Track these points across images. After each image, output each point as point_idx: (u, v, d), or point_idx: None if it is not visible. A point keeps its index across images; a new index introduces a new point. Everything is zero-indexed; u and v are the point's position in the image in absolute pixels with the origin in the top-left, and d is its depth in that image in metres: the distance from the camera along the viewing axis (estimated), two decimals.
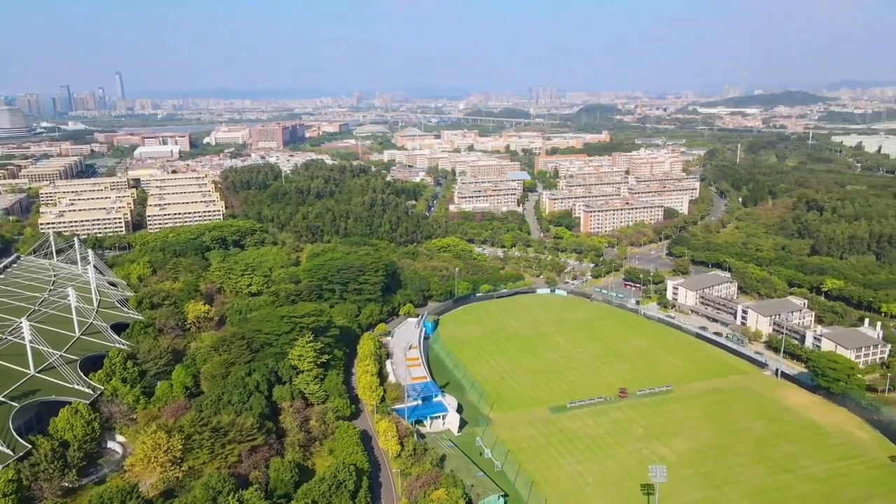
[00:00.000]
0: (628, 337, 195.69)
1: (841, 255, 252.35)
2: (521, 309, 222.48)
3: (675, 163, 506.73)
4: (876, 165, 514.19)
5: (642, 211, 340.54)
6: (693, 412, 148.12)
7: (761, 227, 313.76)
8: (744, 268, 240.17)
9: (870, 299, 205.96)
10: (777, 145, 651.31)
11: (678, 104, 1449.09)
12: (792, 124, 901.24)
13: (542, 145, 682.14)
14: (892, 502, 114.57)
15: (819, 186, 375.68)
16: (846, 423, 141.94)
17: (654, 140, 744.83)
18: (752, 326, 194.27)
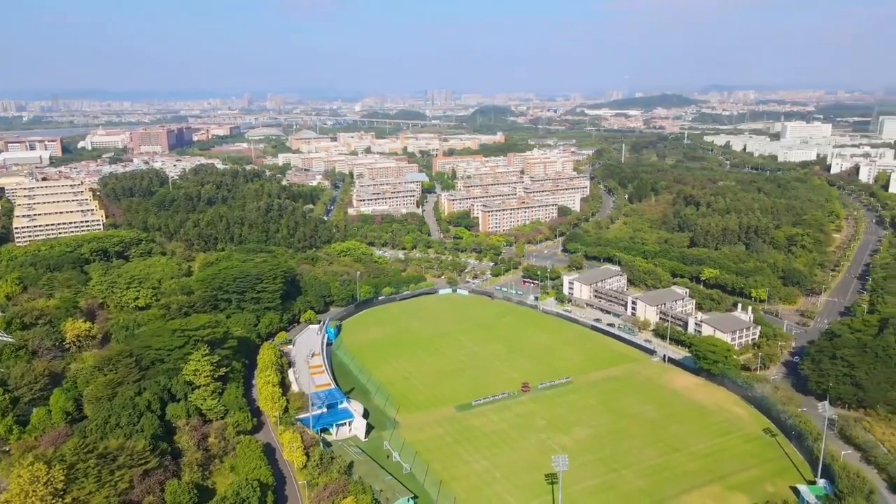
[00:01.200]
0: (529, 333, 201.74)
1: (716, 246, 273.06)
2: (424, 310, 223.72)
3: (566, 162, 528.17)
4: (742, 163, 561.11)
5: (538, 209, 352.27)
6: (590, 401, 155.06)
7: (646, 222, 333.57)
8: (632, 261, 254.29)
9: (741, 286, 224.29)
10: (657, 145, 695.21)
11: (567, 106, 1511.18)
12: (669, 125, 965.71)
13: (439, 147, 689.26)
14: (766, 470, 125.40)
15: (695, 183, 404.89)
16: (725, 401, 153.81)
17: (547, 141, 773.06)
18: (642, 316, 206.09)
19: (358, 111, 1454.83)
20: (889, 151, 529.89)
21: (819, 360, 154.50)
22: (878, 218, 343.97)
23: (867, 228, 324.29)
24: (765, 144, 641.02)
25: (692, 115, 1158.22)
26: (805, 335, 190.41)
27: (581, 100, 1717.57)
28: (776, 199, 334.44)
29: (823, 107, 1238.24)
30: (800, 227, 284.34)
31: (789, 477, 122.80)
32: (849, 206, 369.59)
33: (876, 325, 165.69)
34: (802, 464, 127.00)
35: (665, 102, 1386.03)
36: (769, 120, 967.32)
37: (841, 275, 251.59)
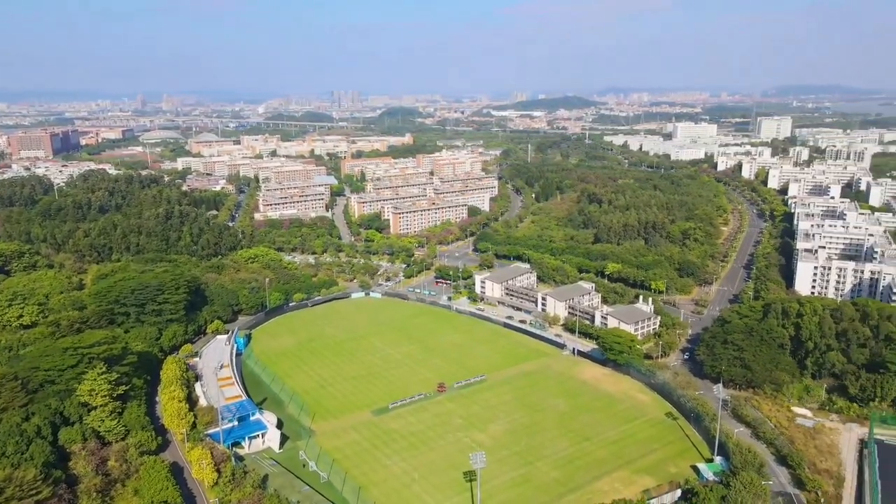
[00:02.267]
0: (443, 333, 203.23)
1: (618, 241, 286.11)
2: (337, 315, 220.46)
3: (475, 163, 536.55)
4: (639, 161, 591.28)
5: (448, 210, 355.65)
6: (505, 397, 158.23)
7: (553, 220, 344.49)
8: (540, 258, 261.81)
9: (642, 279, 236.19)
10: (561, 145, 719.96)
11: (474, 107, 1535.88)
12: (572, 126, 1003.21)
13: (347, 149, 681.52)
14: (669, 452, 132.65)
15: (597, 181, 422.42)
16: (631, 388, 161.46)
17: (455, 142, 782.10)
18: (551, 312, 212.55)
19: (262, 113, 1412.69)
20: (767, 150, 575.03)
21: (712, 346, 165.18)
22: (760, 211, 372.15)
23: (750, 221, 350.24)
24: (658, 144, 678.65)
25: (592, 116, 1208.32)
26: (700, 323, 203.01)
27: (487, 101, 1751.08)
28: (670, 196, 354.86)
29: (709, 108, 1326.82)
30: (692, 221, 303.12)
31: (690, 456, 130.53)
32: (734, 201, 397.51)
33: (760, 311, 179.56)
34: (701, 443, 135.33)
35: (567, 104, 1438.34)
36: (662, 120, 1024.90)
37: (729, 265, 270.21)
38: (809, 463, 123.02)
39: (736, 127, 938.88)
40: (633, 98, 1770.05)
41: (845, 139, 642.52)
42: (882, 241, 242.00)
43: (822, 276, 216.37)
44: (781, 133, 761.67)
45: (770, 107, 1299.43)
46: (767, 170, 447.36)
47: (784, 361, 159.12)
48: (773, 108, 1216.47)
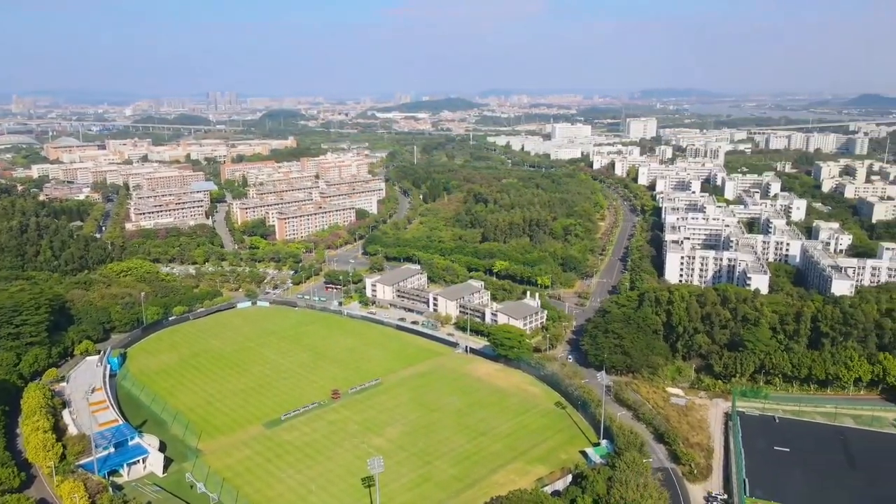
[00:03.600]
0: (335, 338, 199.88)
1: (504, 239, 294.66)
2: (223, 326, 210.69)
3: (361, 165, 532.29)
4: (521, 161, 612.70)
5: (335, 214, 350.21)
6: (401, 399, 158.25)
7: (441, 221, 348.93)
8: (430, 259, 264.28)
9: (528, 275, 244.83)
10: (446, 146, 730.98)
11: (358, 109, 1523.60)
12: (456, 127, 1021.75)
13: (226, 153, 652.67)
14: (560, 440, 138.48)
15: (482, 181, 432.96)
16: (522, 382, 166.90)
17: (340, 144, 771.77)
18: (443, 311, 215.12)
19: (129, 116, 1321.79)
20: (636, 149, 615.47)
21: (595, 336, 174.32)
22: (632, 206, 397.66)
23: (624, 216, 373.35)
24: (539, 144, 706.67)
25: (475, 117, 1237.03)
26: (583, 314, 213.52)
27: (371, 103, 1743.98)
28: (552, 194, 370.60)
29: (583, 110, 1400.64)
30: (573, 218, 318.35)
31: (579, 442, 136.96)
32: (609, 197, 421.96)
33: (636, 300, 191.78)
34: (588, 429, 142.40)
35: (450, 106, 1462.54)
36: (541, 121, 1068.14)
37: (607, 258, 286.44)
38: (683, 438, 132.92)
39: (608, 127, 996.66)
40: (514, 100, 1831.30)
41: (702, 138, 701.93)
42: (736, 231, 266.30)
43: (687, 265, 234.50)
44: (648, 133, 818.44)
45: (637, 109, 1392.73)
46: (637, 167, 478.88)
47: (658, 346, 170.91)
48: (640, 110, 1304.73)
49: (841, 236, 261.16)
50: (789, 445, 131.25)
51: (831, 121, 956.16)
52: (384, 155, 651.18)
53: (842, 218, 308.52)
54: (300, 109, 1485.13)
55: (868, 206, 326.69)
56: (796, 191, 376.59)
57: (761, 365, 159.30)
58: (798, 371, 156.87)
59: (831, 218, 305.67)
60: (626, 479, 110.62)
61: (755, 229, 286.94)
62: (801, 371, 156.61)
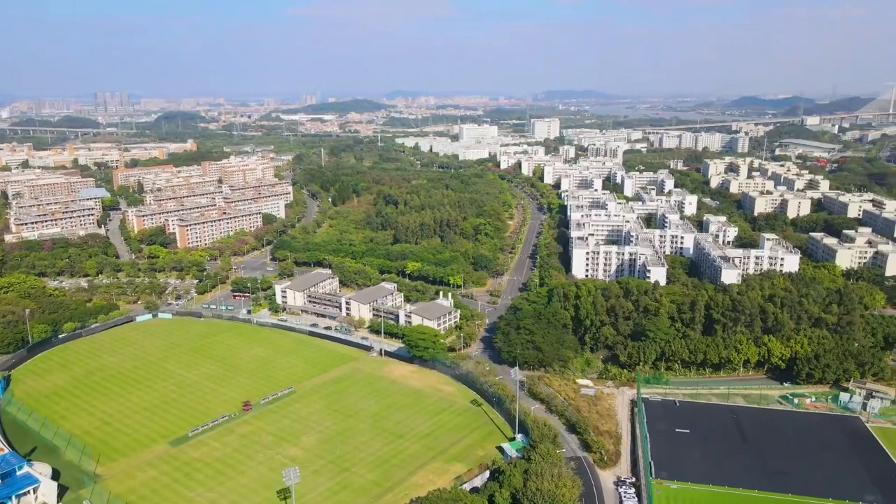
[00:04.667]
0: (245, 348, 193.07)
1: (416, 240, 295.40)
2: (121, 342, 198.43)
3: (266, 169, 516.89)
4: (430, 162, 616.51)
5: (241, 219, 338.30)
6: (316, 406, 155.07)
7: (351, 224, 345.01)
8: (341, 263, 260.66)
9: (441, 275, 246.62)
10: (354, 148, 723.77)
11: (262, 111, 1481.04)
12: (363, 128, 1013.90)
13: (119, 157, 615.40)
14: (477, 437, 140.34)
15: (392, 183, 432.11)
16: (437, 382, 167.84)
17: (244, 147, 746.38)
18: (356, 315, 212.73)
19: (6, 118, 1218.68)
20: (541, 149, 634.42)
21: (507, 332, 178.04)
22: (539, 205, 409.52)
23: (532, 214, 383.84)
24: (447, 145, 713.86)
25: (383, 118, 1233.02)
26: (495, 312, 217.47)
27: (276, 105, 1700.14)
28: (461, 194, 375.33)
29: (490, 111, 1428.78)
30: (482, 217, 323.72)
31: (495, 438, 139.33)
32: (517, 196, 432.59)
33: (546, 296, 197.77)
34: (504, 424, 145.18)
35: (357, 107, 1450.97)
36: (448, 123, 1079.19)
37: (517, 256, 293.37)
38: (593, 427, 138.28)
39: (514, 128, 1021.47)
40: (421, 101, 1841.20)
41: (602, 138, 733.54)
42: (636, 226, 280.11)
43: (592, 260, 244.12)
44: (552, 133, 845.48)
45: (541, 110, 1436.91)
46: (543, 167, 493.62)
47: (568, 340, 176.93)
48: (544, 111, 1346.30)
49: (728, 229, 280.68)
50: (689, 427, 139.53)
51: (716, 121, 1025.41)
52: (290, 158, 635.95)
53: (728, 212, 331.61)
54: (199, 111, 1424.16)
55: (750, 201, 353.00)
56: (688, 187, 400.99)
57: (662, 353, 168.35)
58: (695, 356, 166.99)
59: (719, 212, 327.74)
60: (541, 470, 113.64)
61: (652, 224, 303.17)
62: (698, 356, 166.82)
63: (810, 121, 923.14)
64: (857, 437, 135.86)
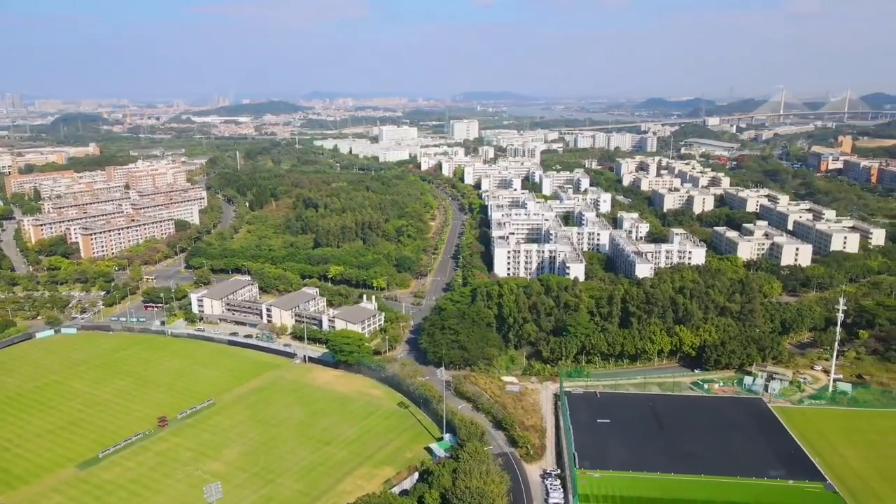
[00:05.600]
0: (159, 361, 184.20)
1: (337, 244, 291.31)
2: (19, 361, 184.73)
3: (178, 173, 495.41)
4: (350, 164, 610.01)
5: (151, 226, 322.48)
6: (238, 418, 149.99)
7: (270, 228, 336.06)
8: (261, 269, 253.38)
9: (364, 278, 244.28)
10: (271, 150, 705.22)
11: (171, 113, 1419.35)
12: (280, 131, 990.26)
13: (12, 162, 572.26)
14: (405, 440, 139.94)
15: (311, 186, 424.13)
16: (364, 386, 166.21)
17: (152, 151, 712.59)
18: (278, 322, 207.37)
19: None
20: (461, 149, 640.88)
21: (432, 333, 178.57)
22: (461, 205, 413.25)
23: (454, 215, 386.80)
24: (367, 147, 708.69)
25: (300, 120, 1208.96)
26: (420, 313, 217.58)
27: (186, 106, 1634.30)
28: (382, 196, 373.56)
29: (409, 112, 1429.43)
30: (404, 219, 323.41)
31: (423, 439, 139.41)
32: (438, 197, 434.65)
33: (469, 296, 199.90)
34: (432, 425, 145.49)
35: (273, 109, 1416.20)
36: (368, 124, 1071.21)
37: (440, 256, 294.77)
38: (519, 423, 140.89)
39: (433, 129, 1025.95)
40: (339, 103, 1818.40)
41: (520, 139, 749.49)
42: (555, 224, 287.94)
43: (514, 259, 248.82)
44: (471, 134, 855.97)
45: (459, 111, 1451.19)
46: (463, 167, 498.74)
47: (492, 338, 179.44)
48: (462, 112, 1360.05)
49: (640, 225, 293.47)
50: (609, 417, 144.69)
51: (626, 122, 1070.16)
52: (204, 161, 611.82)
53: (640, 208, 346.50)
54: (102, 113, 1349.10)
55: (660, 197, 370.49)
56: (602, 185, 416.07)
57: (583, 346, 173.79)
58: (613, 349, 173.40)
59: (632, 209, 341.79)
60: (469, 468, 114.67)
61: (570, 222, 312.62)
62: (616, 348, 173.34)
63: (711, 121, 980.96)
64: (761, 418, 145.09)
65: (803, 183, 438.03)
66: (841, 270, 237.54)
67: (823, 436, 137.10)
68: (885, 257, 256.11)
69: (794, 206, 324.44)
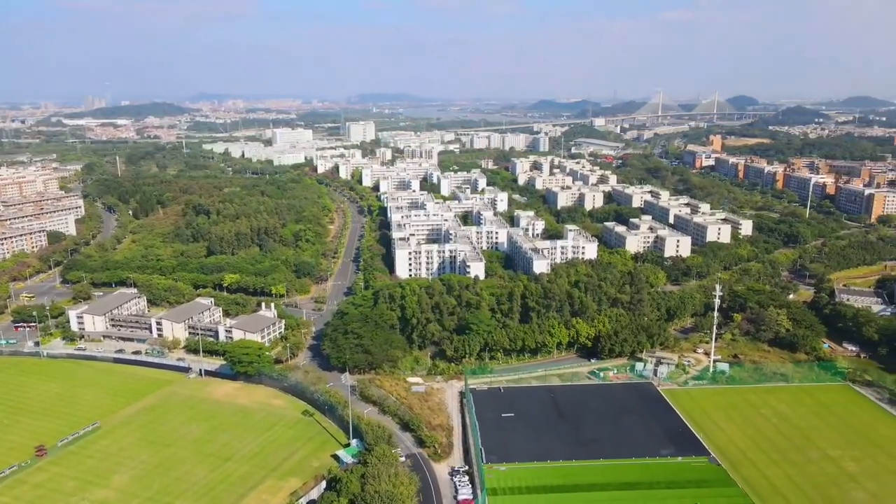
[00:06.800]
0: (34, 386, 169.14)
1: (232, 251, 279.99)
2: None
3: (49, 181, 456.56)
4: (243, 168, 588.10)
5: (20, 239, 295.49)
6: (127, 440, 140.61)
7: (158, 237, 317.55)
8: (148, 280, 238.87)
9: (262, 285, 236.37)
10: (155, 155, 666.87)
11: (39, 115, 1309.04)
12: (165, 134, 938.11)
13: None
14: (311, 449, 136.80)
15: (202, 191, 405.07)
16: (265, 397, 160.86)
17: (18, 157, 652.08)
18: (170, 336, 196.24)
19: None
20: (358, 152, 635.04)
21: (335, 338, 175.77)
22: (360, 208, 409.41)
23: (353, 217, 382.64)
24: (260, 150, 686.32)
25: (187, 123, 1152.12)
26: (322, 318, 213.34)
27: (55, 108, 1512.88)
28: (278, 200, 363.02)
29: (303, 115, 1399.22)
30: (302, 223, 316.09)
31: (330, 447, 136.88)
32: (336, 200, 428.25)
33: (371, 298, 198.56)
34: (338, 432, 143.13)
35: (156, 111, 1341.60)
36: (260, 127, 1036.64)
37: (340, 260, 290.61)
38: (426, 423, 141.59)
39: (329, 131, 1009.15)
40: (229, 105, 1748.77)
41: (417, 140, 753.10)
42: (454, 224, 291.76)
43: (415, 260, 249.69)
44: (368, 136, 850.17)
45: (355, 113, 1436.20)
46: (361, 170, 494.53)
47: (396, 340, 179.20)
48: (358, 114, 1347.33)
49: (536, 222, 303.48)
50: (513, 410, 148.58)
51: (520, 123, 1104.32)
52: (79, 167, 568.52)
53: (536, 206, 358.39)
54: None
55: (553, 196, 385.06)
56: (499, 185, 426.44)
57: (485, 344, 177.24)
58: (515, 344, 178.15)
59: (528, 207, 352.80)
60: (378, 472, 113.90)
61: (469, 221, 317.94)
62: (517, 343, 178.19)
63: (598, 122, 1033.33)
64: (651, 401, 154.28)
65: (681, 179, 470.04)
66: (716, 259, 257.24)
67: (706, 413, 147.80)
68: (753, 246, 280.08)
69: (674, 201, 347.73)
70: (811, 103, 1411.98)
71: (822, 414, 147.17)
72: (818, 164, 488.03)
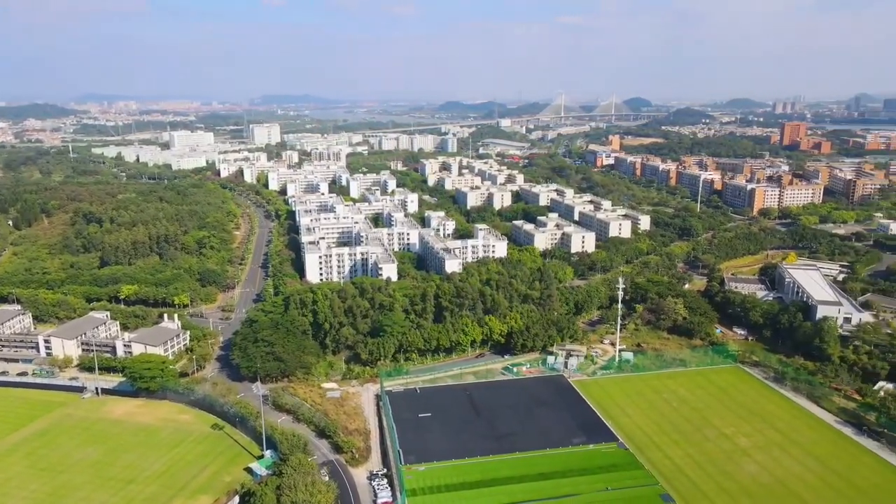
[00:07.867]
0: None
1: (129, 261, 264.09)
2: None
3: None
4: (138, 173, 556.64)
5: None
6: (14, 470, 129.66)
7: (43, 249, 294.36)
8: (34, 295, 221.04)
9: (163, 296, 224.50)
10: (38, 160, 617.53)
11: None
12: (48, 137, 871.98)
13: None
14: (222, 463, 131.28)
15: (92, 198, 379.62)
16: (170, 412, 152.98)
17: None
18: (60, 354, 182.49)
19: None
20: (263, 155, 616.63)
21: (245, 347, 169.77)
22: (266, 212, 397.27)
23: (259, 223, 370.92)
24: (157, 154, 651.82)
25: (73, 125, 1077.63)
26: (230, 327, 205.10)
27: None
28: (179, 207, 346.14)
29: (203, 117, 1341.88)
30: (206, 230, 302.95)
31: (242, 460, 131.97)
32: (242, 205, 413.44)
33: (282, 305, 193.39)
34: (251, 444, 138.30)
35: (37, 113, 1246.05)
36: (156, 130, 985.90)
37: (247, 267, 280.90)
38: (342, 428, 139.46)
39: (231, 134, 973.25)
40: (120, 106, 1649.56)
41: (325, 142, 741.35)
42: (365, 226, 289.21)
43: (326, 264, 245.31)
44: (273, 139, 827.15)
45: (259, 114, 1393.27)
46: (266, 173, 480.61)
47: (309, 346, 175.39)
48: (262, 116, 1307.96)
49: (447, 223, 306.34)
50: (430, 410, 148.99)
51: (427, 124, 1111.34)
52: None
53: (446, 207, 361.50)
54: None
55: (463, 196, 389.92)
56: (409, 186, 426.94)
57: (400, 345, 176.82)
58: (429, 344, 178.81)
59: (438, 208, 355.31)
60: (294, 483, 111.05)
61: (380, 223, 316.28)
62: (432, 343, 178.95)
63: (504, 123, 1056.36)
64: (563, 392, 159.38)
65: (584, 178, 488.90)
66: (619, 254, 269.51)
67: (614, 401, 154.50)
68: (651, 240, 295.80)
69: (579, 199, 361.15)
70: (699, 105, 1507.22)
71: (717, 395, 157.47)
72: (706, 161, 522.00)
